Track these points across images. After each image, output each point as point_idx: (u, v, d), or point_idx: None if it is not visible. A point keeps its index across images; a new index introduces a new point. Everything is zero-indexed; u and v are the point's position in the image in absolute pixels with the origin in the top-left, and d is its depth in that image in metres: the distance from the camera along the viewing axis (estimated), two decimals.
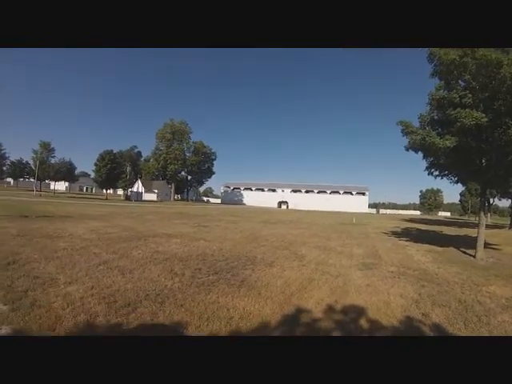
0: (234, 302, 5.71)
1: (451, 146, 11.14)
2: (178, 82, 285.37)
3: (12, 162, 68.97)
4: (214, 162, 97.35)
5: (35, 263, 7.13)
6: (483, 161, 12.41)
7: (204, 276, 7.36)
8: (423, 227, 33.02)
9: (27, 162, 67.00)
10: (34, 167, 57.36)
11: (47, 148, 57.19)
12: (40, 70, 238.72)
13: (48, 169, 55.78)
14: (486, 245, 14.42)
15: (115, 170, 58.54)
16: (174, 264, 8.24)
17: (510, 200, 44.88)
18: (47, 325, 4.19)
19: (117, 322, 4.47)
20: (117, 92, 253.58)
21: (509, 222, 40.67)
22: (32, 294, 5.22)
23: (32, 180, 63.63)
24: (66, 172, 59.05)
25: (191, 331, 4.34)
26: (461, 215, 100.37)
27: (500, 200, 56.00)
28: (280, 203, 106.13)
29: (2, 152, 70.61)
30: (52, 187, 66.74)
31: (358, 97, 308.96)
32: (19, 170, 67.88)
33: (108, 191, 63.54)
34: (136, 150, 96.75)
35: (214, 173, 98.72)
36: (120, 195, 79.52)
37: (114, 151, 61.21)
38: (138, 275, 6.88)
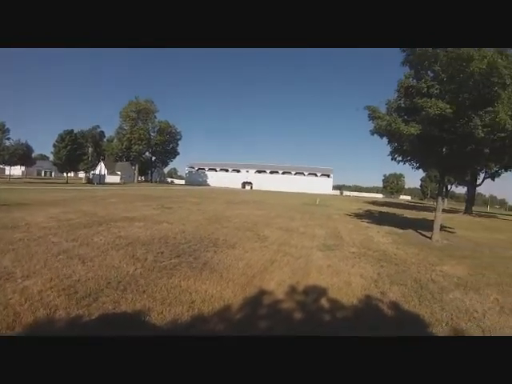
0: (195, 285, 5.76)
1: (415, 133, 11.60)
2: (144, 64, 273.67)
3: None
4: (179, 142, 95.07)
5: None
6: (444, 150, 13.00)
7: (166, 260, 7.33)
8: (385, 210, 34.45)
9: None
10: None
11: (1, 129, 52.60)
12: None
13: (2, 152, 51.41)
14: (442, 228, 15.40)
15: (76, 152, 54.97)
16: (136, 249, 8.11)
17: (465, 187, 47.50)
18: (6, 323, 3.94)
19: (78, 315, 4.33)
20: (77, 73, 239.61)
21: (464, 208, 43.25)
22: None
23: None
24: (22, 155, 55.15)
25: (154, 318, 4.33)
26: (421, 199, 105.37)
27: (457, 187, 59.34)
28: (244, 184, 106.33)
29: None
30: (7, 172, 62.28)
31: (321, 84, 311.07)
32: None
33: (68, 175, 60.30)
34: (99, 130, 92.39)
35: (178, 153, 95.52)
36: (81, 178, 75.79)
37: (75, 131, 58.28)
38: (99, 263, 6.69)
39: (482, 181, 42.30)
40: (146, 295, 5.13)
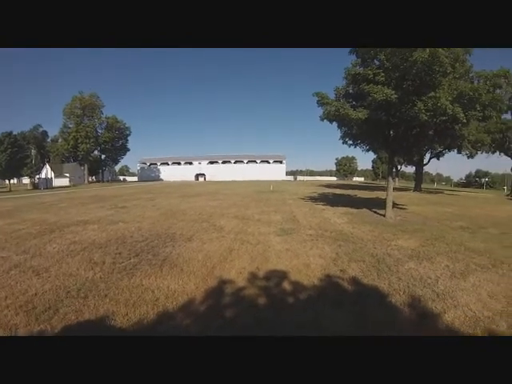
0: (157, 282, 5.75)
1: (363, 117, 12.22)
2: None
3: None
4: (129, 138, 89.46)
5: None
6: (391, 133, 13.84)
7: (125, 260, 7.20)
8: (339, 192, 35.55)
9: None
10: None
11: None
12: None
13: None
14: (394, 205, 16.47)
15: (17, 155, 50.73)
16: (92, 253, 7.82)
17: (414, 167, 50.60)
18: None
19: (40, 330, 4.11)
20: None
21: (413, 186, 46.12)
22: None
23: None
24: None
25: (119, 321, 4.26)
26: (373, 180, 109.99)
27: (406, 167, 63.22)
28: (197, 176, 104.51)
29: None
30: None
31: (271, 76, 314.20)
32: None
33: (11, 181, 55.78)
34: (41, 130, 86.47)
35: (128, 149, 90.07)
36: (26, 184, 70.84)
37: (15, 133, 53.83)
38: (55, 272, 6.36)
39: (429, 160, 45.33)
40: (108, 299, 5.01)
